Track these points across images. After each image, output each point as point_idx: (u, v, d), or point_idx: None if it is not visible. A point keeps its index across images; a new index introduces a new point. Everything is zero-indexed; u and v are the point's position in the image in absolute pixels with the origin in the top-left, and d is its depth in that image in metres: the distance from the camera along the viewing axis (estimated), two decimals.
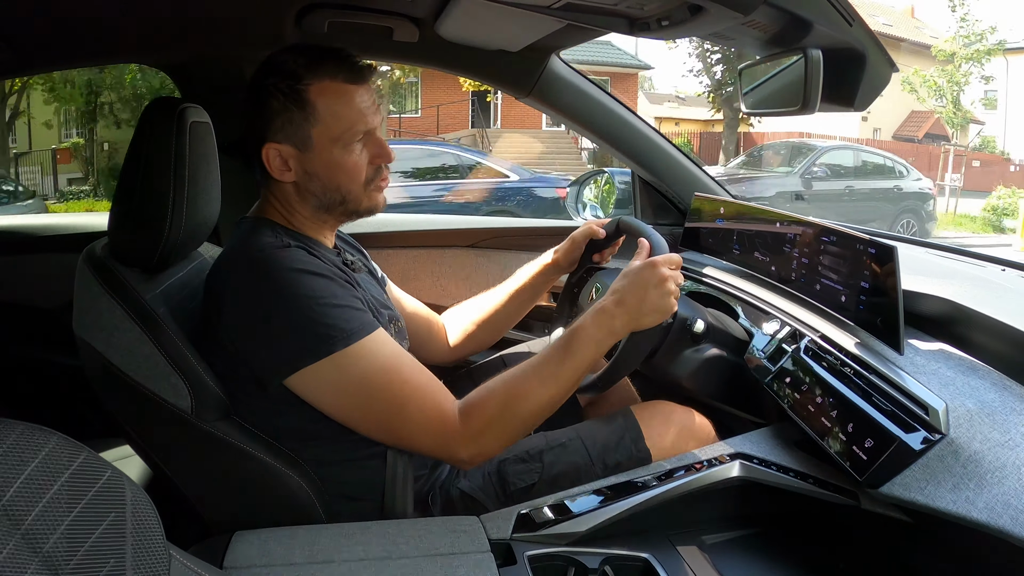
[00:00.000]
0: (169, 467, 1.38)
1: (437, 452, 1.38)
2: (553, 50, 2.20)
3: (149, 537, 0.83)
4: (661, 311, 1.45)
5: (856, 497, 1.35)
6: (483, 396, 1.37)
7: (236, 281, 1.34)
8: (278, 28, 1.97)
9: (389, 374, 1.33)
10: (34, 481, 0.75)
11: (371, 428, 1.37)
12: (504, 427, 1.36)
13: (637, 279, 1.46)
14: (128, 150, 1.37)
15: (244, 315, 1.32)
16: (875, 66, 1.53)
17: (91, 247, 1.41)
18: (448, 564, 1.21)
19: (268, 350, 1.30)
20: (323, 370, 1.29)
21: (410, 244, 2.53)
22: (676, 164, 2.41)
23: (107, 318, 1.32)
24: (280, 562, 1.20)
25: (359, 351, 1.31)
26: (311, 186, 1.45)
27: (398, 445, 1.40)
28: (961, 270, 1.83)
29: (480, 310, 1.94)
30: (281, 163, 1.43)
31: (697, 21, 1.33)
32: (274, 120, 1.40)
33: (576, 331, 1.43)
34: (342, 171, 1.44)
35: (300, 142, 1.41)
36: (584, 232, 1.88)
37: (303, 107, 1.39)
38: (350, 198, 1.47)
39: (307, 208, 1.48)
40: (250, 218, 1.49)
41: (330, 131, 1.41)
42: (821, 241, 1.62)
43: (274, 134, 1.41)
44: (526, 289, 1.91)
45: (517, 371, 1.40)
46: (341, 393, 1.32)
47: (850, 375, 1.41)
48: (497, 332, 1.97)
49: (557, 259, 1.89)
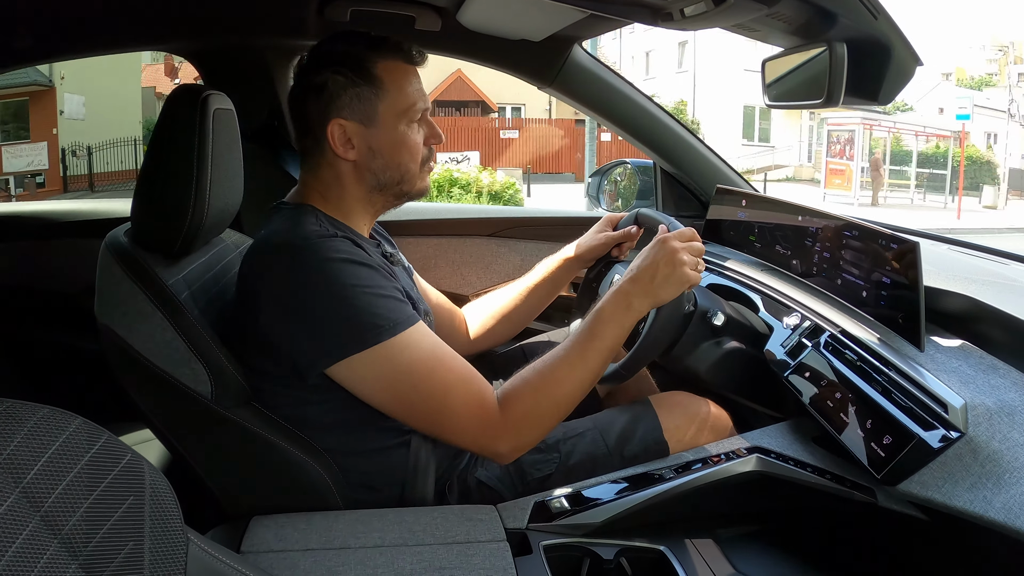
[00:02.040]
0: (188, 452, 1.39)
1: (478, 443, 1.36)
2: (576, 40, 2.20)
3: (167, 520, 0.83)
4: (677, 282, 1.44)
5: (873, 494, 1.35)
6: (517, 387, 1.37)
7: (280, 268, 1.33)
8: (300, 16, 1.98)
9: (433, 363, 1.33)
10: (54, 463, 0.75)
11: (414, 417, 1.36)
12: (540, 417, 1.36)
13: (647, 255, 1.47)
14: (152, 136, 1.38)
15: (288, 303, 1.31)
16: (900, 59, 1.52)
17: (114, 232, 1.41)
18: (464, 552, 1.22)
19: (313, 338, 1.30)
20: (369, 359, 1.29)
21: (430, 233, 2.54)
22: (699, 156, 2.39)
23: (129, 303, 1.32)
24: (296, 547, 1.21)
25: (405, 340, 1.31)
26: (373, 164, 1.46)
27: (439, 436, 1.39)
28: (984, 267, 1.82)
29: (500, 304, 1.95)
30: (345, 140, 1.44)
31: (721, 12, 1.32)
32: (341, 96, 1.42)
33: (597, 313, 1.43)
34: (405, 148, 1.47)
35: (367, 117, 1.43)
36: (603, 226, 1.89)
37: (372, 82, 1.42)
38: (408, 177, 1.49)
39: (361, 189, 1.49)
40: (290, 204, 1.49)
41: (397, 106, 1.44)
42: (843, 235, 1.61)
43: (340, 110, 1.42)
44: (546, 283, 1.92)
45: (545, 360, 1.40)
46: (386, 382, 1.32)
47: (870, 371, 1.40)
48: (517, 326, 1.97)
49: (579, 252, 1.89)
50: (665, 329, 1.53)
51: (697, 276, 1.47)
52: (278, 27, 2.11)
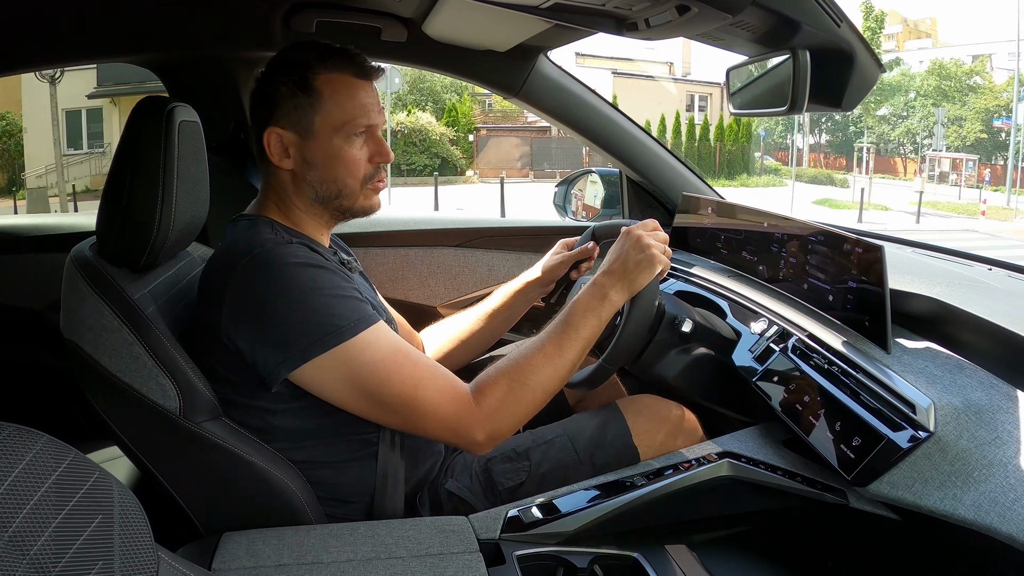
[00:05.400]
0: (157, 468, 1.38)
1: (454, 434, 1.35)
2: (541, 50, 2.21)
3: (137, 539, 0.83)
4: (648, 265, 1.46)
5: (844, 495, 1.36)
6: (492, 375, 1.37)
7: (238, 277, 1.32)
8: (267, 27, 1.97)
9: (399, 357, 1.33)
10: (21, 483, 0.74)
11: (387, 414, 1.35)
12: (516, 404, 1.35)
13: (615, 249, 1.49)
14: (117, 149, 1.37)
15: (248, 311, 1.31)
16: (863, 66, 1.54)
17: (79, 247, 1.40)
18: (437, 564, 1.21)
19: (275, 344, 1.29)
20: (333, 361, 1.29)
21: (396, 243, 2.53)
22: (664, 163, 2.41)
23: (94, 319, 1.31)
24: (269, 563, 1.20)
25: (367, 339, 1.31)
26: (309, 176, 1.45)
27: (415, 430, 1.38)
28: (948, 269, 1.84)
29: (459, 328, 1.94)
30: (281, 149, 1.43)
31: (685, 21, 1.33)
32: (280, 105, 1.42)
33: (572, 305, 1.44)
34: (340, 162, 1.44)
35: (303, 129, 1.42)
36: (560, 248, 1.90)
37: (309, 94, 1.41)
38: (346, 192, 1.47)
39: (303, 200, 1.47)
40: (248, 215, 1.48)
41: (332, 120, 1.42)
42: (809, 241, 1.62)
43: (278, 119, 1.42)
44: (505, 308, 1.91)
45: (521, 349, 1.40)
46: (354, 382, 1.31)
47: (838, 374, 1.41)
48: (477, 351, 1.96)
49: (538, 277, 1.89)
50: (642, 320, 1.52)
51: (666, 260, 1.49)
52: (244, 39, 2.10)
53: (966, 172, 33.36)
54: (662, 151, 2.42)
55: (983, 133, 37.68)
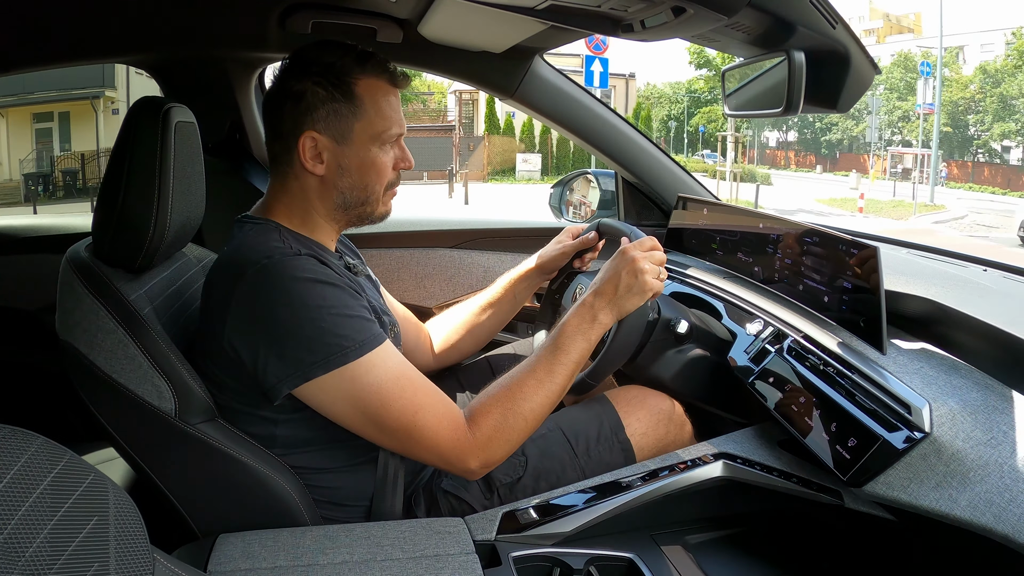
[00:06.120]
0: (153, 470, 1.37)
1: (447, 462, 1.35)
2: (537, 52, 2.21)
3: (132, 541, 0.82)
4: (639, 291, 1.45)
5: (840, 496, 1.36)
6: (485, 403, 1.37)
7: (244, 287, 1.30)
8: (262, 28, 1.97)
9: (403, 382, 1.32)
10: (15, 486, 0.73)
11: (384, 436, 1.34)
12: (509, 432, 1.36)
13: (609, 267, 1.48)
14: (113, 149, 1.36)
15: (253, 323, 1.29)
16: (858, 67, 1.54)
17: (74, 248, 1.39)
18: (433, 566, 1.21)
19: (279, 360, 1.28)
20: (336, 380, 1.28)
21: (393, 245, 2.53)
22: (659, 165, 2.42)
23: (90, 320, 1.30)
24: (264, 565, 1.20)
25: (372, 360, 1.30)
26: (340, 182, 1.43)
27: (408, 454, 1.38)
28: (943, 270, 1.84)
29: (464, 318, 1.94)
30: (315, 154, 1.41)
31: (681, 23, 1.33)
32: (318, 109, 1.39)
33: (562, 328, 1.43)
34: (374, 169, 1.44)
35: (340, 134, 1.40)
36: (564, 237, 1.90)
37: (351, 99, 1.39)
38: (372, 198, 1.46)
39: (326, 205, 1.46)
40: (253, 219, 1.45)
41: (372, 127, 1.41)
42: (804, 242, 1.63)
43: (315, 123, 1.39)
44: (509, 296, 1.91)
45: (512, 375, 1.40)
46: (355, 402, 1.30)
47: (833, 375, 1.41)
48: (482, 339, 1.96)
49: (540, 264, 1.89)
50: (629, 338, 1.54)
51: (660, 285, 1.48)
52: (239, 39, 2.10)
53: (926, 169, 33.02)
54: (657, 153, 2.42)
55: (947, 127, 37.55)
